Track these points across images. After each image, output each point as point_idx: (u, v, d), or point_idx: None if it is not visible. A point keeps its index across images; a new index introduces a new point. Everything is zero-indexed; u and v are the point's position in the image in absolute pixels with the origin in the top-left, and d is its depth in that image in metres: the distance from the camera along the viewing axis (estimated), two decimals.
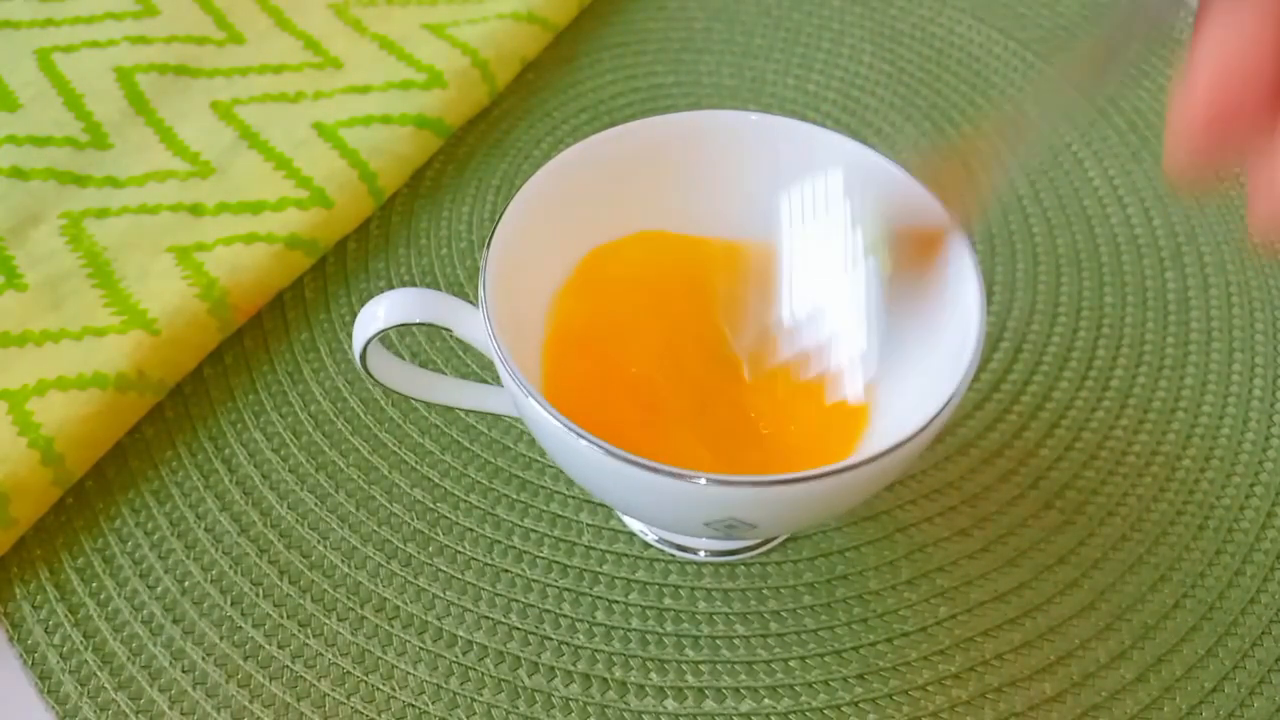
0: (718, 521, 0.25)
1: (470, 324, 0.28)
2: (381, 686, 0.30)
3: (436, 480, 0.34)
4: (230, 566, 0.32)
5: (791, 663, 0.31)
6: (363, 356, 0.28)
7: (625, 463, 0.23)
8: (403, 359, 0.36)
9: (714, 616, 0.31)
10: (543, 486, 0.34)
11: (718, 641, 0.31)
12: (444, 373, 0.37)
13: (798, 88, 0.46)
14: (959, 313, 0.27)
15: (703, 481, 0.23)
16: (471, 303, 0.28)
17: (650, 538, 0.33)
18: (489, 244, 0.27)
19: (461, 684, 0.30)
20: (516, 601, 0.32)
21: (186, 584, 0.32)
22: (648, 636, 0.31)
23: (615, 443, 0.24)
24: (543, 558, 0.33)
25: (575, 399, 0.30)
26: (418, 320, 0.28)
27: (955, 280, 0.27)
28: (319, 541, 0.33)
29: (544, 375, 0.29)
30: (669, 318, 0.32)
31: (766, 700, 0.30)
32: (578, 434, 0.24)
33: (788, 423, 0.30)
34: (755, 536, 0.28)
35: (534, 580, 0.32)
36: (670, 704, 0.30)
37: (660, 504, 0.26)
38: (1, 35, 0.44)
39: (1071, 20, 0.49)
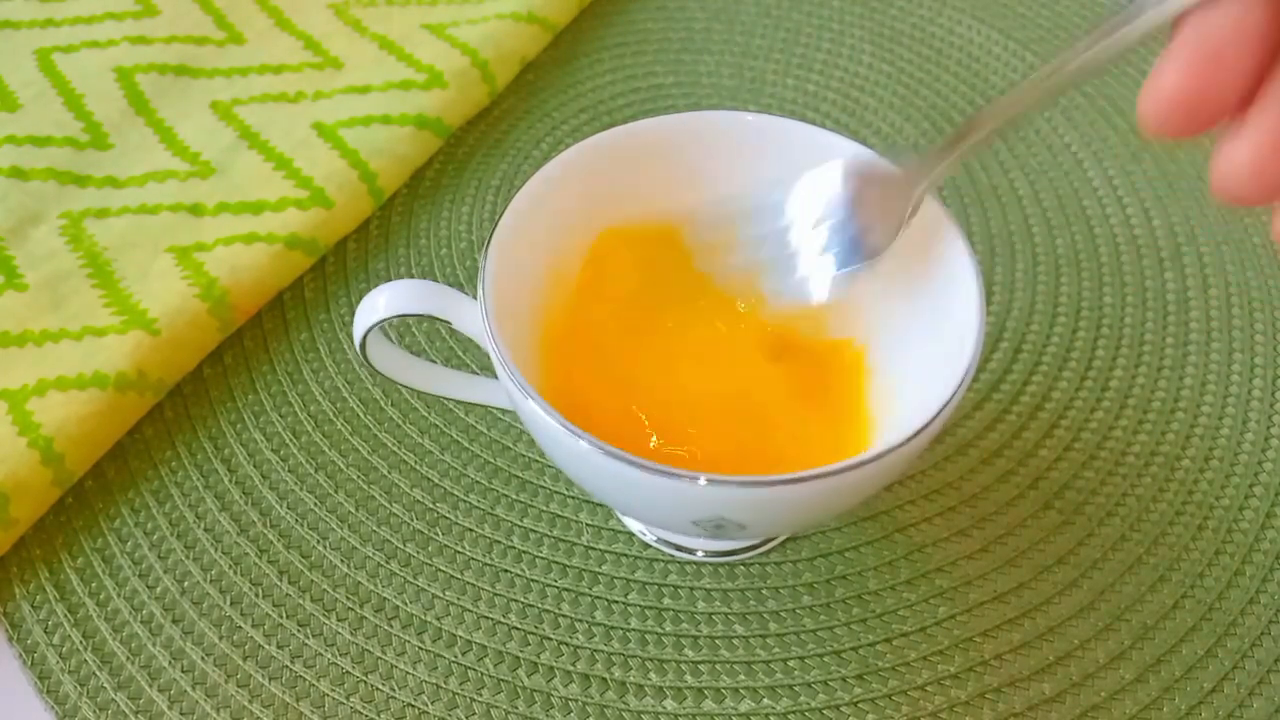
0: (705, 520, 0.25)
1: (470, 317, 0.27)
2: (381, 686, 0.30)
3: (436, 480, 0.34)
4: (230, 566, 0.32)
5: (791, 663, 0.31)
6: (363, 345, 0.28)
7: (612, 458, 0.23)
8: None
9: (713, 616, 0.31)
10: (542, 486, 0.34)
11: (717, 641, 0.31)
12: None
13: (798, 88, 0.46)
14: (958, 313, 0.27)
15: (703, 482, 0.23)
16: (472, 297, 0.28)
17: (649, 538, 0.33)
18: (488, 243, 0.27)
19: (461, 684, 0.30)
20: (516, 601, 0.32)
21: (186, 584, 0.32)
22: (647, 636, 0.31)
23: (608, 439, 0.24)
24: (542, 558, 0.33)
25: (572, 397, 0.30)
26: (417, 311, 0.27)
27: (954, 280, 0.27)
28: (319, 541, 0.33)
29: (541, 371, 0.29)
30: (669, 318, 0.32)
31: (766, 700, 0.30)
32: (568, 428, 0.24)
33: (787, 427, 0.30)
34: (748, 537, 0.28)
35: (533, 580, 0.32)
36: (670, 704, 0.30)
37: (648, 500, 0.25)
38: (1, 35, 0.44)
39: (1071, 20, 0.49)
